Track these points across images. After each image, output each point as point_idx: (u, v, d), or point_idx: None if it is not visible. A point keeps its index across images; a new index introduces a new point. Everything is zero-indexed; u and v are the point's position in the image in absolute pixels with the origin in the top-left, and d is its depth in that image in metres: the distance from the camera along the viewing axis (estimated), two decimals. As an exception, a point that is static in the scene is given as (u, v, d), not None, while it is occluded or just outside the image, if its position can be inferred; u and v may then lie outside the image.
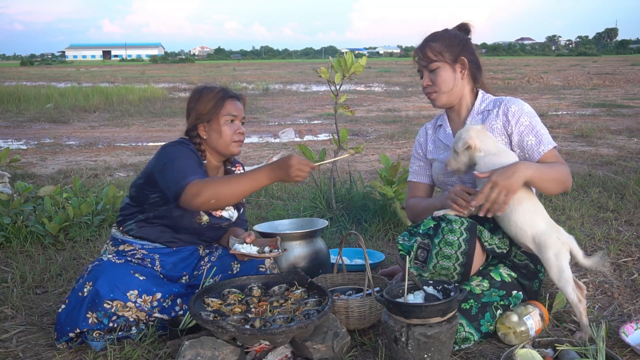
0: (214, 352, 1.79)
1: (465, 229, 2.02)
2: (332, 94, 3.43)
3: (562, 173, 2.12)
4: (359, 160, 6.22)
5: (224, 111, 2.27)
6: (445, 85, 2.27)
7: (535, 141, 2.18)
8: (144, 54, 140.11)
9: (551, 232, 2.04)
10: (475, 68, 2.32)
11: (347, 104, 4.09)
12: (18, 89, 14.79)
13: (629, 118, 9.48)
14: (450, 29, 2.35)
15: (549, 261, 2.02)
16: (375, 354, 1.99)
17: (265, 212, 3.88)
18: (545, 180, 2.07)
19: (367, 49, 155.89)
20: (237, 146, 2.32)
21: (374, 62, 49.43)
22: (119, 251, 2.27)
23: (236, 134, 2.29)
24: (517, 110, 2.22)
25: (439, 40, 2.28)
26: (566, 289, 2.01)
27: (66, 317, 2.02)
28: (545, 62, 42.87)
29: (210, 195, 2.00)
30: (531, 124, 2.20)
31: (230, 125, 2.28)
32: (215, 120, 2.27)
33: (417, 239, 2.09)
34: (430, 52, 2.26)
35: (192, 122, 2.29)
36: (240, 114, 2.32)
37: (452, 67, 2.27)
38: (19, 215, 3.44)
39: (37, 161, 6.42)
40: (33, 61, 69.17)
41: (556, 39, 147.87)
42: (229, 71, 34.08)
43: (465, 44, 2.30)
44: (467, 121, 2.31)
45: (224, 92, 2.31)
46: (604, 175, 4.82)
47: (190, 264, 2.36)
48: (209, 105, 2.27)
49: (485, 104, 2.32)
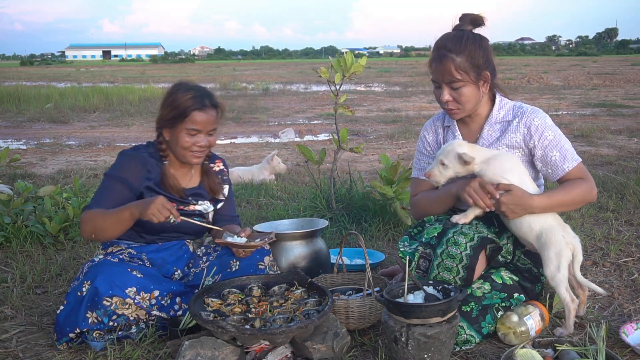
0: (214, 352, 1.79)
1: (472, 246, 1.99)
2: (332, 94, 3.43)
3: (578, 195, 2.11)
4: (359, 160, 6.22)
5: (187, 123, 2.19)
6: (470, 104, 2.16)
7: (560, 157, 2.13)
8: (144, 54, 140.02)
9: (558, 230, 2.05)
10: (494, 75, 2.19)
11: (347, 104, 4.09)
12: (18, 89, 14.79)
13: (629, 118, 9.48)
14: (468, 31, 2.15)
15: (548, 259, 2.03)
16: (375, 354, 1.99)
17: (265, 212, 3.88)
18: (556, 209, 2.10)
19: (367, 49, 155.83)
20: (194, 157, 2.26)
21: (374, 62, 49.42)
22: (108, 253, 2.28)
23: (196, 146, 2.22)
24: (541, 124, 2.14)
25: (463, 53, 2.09)
26: (559, 288, 2.03)
27: (65, 318, 2.02)
28: (545, 62, 42.87)
29: (89, 231, 2.13)
30: (555, 139, 2.13)
31: (191, 136, 2.21)
32: (179, 129, 2.21)
33: (418, 248, 2.09)
34: (455, 69, 2.08)
35: (157, 122, 2.29)
36: (207, 127, 2.22)
37: (477, 85, 2.14)
38: (19, 215, 3.44)
39: (37, 161, 6.42)
40: (33, 61, 69.13)
41: (556, 38, 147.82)
42: (229, 71, 34.06)
43: (488, 53, 2.14)
44: (484, 131, 2.23)
45: (193, 102, 2.19)
46: (604, 175, 4.82)
47: (180, 258, 2.36)
48: (173, 113, 2.21)
49: (504, 111, 2.22)
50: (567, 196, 2.10)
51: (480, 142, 2.23)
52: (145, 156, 2.27)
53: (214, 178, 2.43)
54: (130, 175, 2.22)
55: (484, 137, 2.23)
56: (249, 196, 4.37)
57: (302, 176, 5.26)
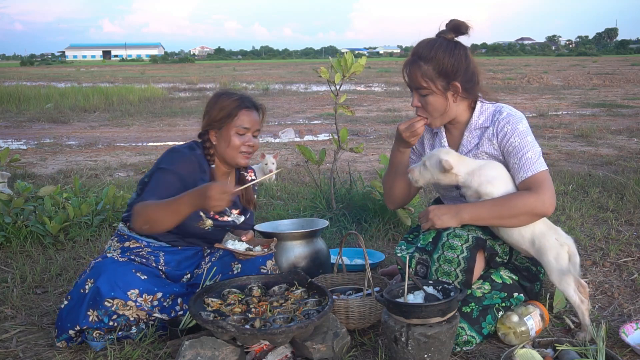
0: (214, 352, 1.79)
1: (468, 247, 1.99)
2: (332, 94, 3.43)
3: (519, 208, 1.98)
4: (359, 160, 6.22)
5: (236, 122, 2.26)
6: (437, 112, 2.12)
7: (518, 165, 2.05)
8: (144, 54, 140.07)
9: (550, 234, 2.03)
10: (471, 85, 2.11)
11: (347, 104, 4.09)
12: (18, 89, 14.78)
13: (629, 118, 9.48)
14: (442, 39, 2.10)
15: (549, 264, 2.01)
16: (375, 354, 1.99)
17: (265, 212, 3.88)
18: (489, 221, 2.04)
19: (367, 49, 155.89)
20: (243, 158, 2.30)
21: (374, 62, 49.42)
22: (124, 247, 2.27)
23: (244, 146, 2.28)
24: (510, 130, 2.07)
25: (431, 61, 2.06)
26: (568, 291, 2.01)
27: (68, 314, 2.02)
28: (545, 62, 42.88)
29: (143, 220, 2.04)
30: (520, 146, 2.05)
31: (239, 136, 2.27)
32: (226, 129, 2.26)
33: (415, 254, 2.09)
34: (421, 77, 2.07)
35: (204, 126, 2.31)
36: (254, 127, 2.30)
37: (444, 95, 2.09)
38: (19, 215, 3.44)
39: (37, 161, 6.42)
40: (33, 61, 69.14)
41: (556, 39, 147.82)
42: (229, 71, 34.06)
43: (459, 62, 2.07)
44: (464, 137, 2.19)
45: (240, 102, 2.27)
46: (604, 175, 4.82)
47: (194, 262, 2.37)
48: (222, 113, 2.26)
49: (483, 117, 2.16)
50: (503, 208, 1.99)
51: (460, 149, 2.20)
52: (201, 156, 2.27)
53: (250, 187, 2.44)
54: (186, 172, 2.19)
55: (464, 144, 2.20)
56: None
57: (302, 176, 5.26)
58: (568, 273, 2.00)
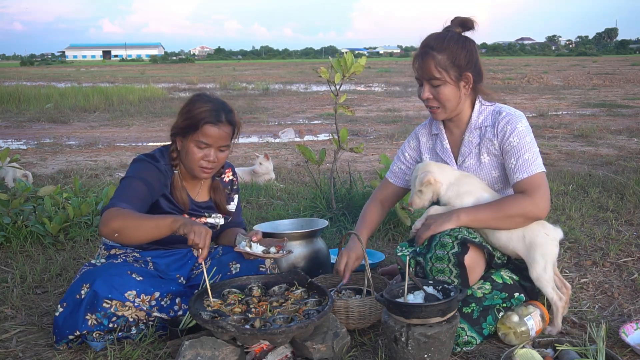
0: (214, 352, 1.79)
1: (458, 243, 2.00)
2: (332, 94, 3.43)
3: (514, 211, 2.01)
4: (359, 160, 6.22)
5: (197, 135, 2.15)
6: (450, 103, 2.13)
7: (515, 165, 2.06)
8: (144, 54, 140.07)
9: (538, 229, 2.06)
10: (479, 79, 2.16)
11: (347, 104, 4.09)
12: (18, 89, 14.78)
13: (629, 118, 9.48)
14: (453, 32, 2.14)
15: (534, 261, 2.05)
16: (375, 354, 1.99)
17: (265, 212, 3.88)
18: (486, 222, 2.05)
19: (367, 49, 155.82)
20: (202, 172, 2.21)
21: (374, 62, 49.42)
22: (111, 255, 2.27)
23: (204, 161, 2.18)
24: (510, 129, 2.09)
25: (444, 51, 2.08)
26: (546, 288, 2.05)
27: (64, 321, 2.00)
28: (545, 62, 42.87)
29: (115, 228, 1.94)
30: (519, 146, 2.07)
31: (200, 150, 2.17)
32: (189, 140, 2.18)
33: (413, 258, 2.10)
34: (435, 67, 2.08)
35: (171, 130, 2.27)
36: (218, 142, 2.17)
37: (457, 85, 2.11)
38: (19, 215, 3.44)
39: (37, 161, 6.42)
40: (33, 61, 69.11)
41: (556, 39, 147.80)
42: (229, 71, 34.06)
43: (471, 55, 2.11)
44: (465, 137, 2.21)
45: (208, 114, 2.15)
46: (604, 175, 4.82)
47: (184, 265, 2.36)
48: (186, 123, 2.18)
49: (482, 116, 2.18)
50: (499, 211, 2.02)
51: (462, 149, 2.22)
52: (162, 164, 2.23)
53: (223, 194, 2.41)
54: (150, 177, 2.16)
55: (465, 143, 2.21)
56: (249, 196, 4.37)
57: (302, 176, 5.27)
58: (550, 271, 2.04)
